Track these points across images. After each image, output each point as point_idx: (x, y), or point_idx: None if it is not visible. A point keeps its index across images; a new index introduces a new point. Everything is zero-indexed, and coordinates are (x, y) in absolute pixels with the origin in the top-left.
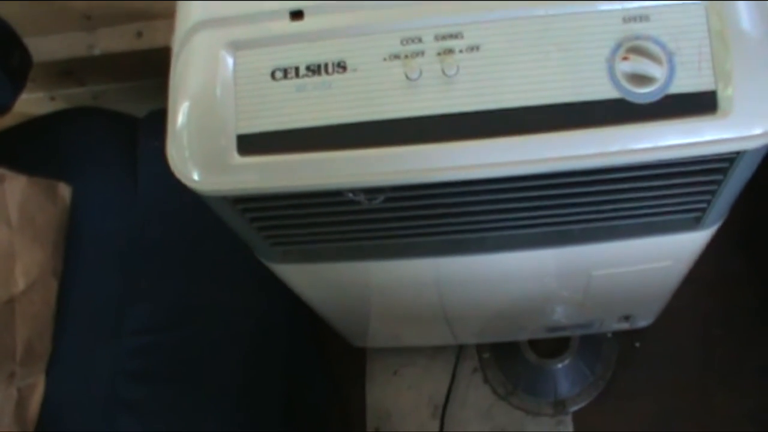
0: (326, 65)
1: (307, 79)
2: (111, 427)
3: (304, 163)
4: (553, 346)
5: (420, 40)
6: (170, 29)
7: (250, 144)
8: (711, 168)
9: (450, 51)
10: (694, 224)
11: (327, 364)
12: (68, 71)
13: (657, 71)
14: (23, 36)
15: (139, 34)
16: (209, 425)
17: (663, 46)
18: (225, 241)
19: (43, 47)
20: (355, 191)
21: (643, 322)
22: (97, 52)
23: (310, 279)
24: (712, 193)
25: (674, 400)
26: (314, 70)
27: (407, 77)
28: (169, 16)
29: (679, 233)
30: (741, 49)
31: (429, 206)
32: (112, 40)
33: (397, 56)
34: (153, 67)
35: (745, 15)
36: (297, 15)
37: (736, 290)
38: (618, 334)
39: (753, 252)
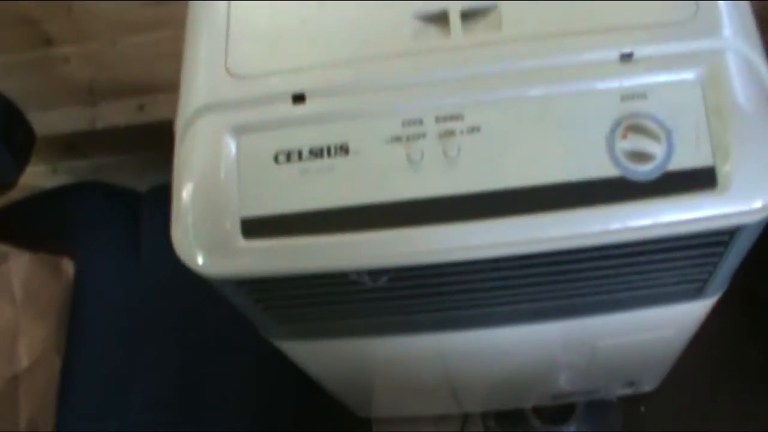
0: (329, 148)
1: (310, 163)
2: None
3: (308, 247)
4: (558, 412)
5: (421, 122)
6: (171, 103)
7: (255, 227)
8: (711, 242)
9: (451, 132)
10: (696, 294)
11: None
12: (71, 144)
13: (656, 149)
14: (26, 110)
15: (141, 108)
16: None
17: (661, 124)
18: (229, 314)
19: (46, 121)
20: (359, 272)
21: (647, 387)
22: (99, 125)
23: (315, 354)
24: (714, 264)
25: None
26: (317, 153)
27: (409, 159)
28: (171, 90)
29: (682, 303)
30: (738, 124)
31: (432, 285)
32: (114, 114)
33: (398, 138)
34: (154, 140)
35: (740, 91)
36: (299, 98)
37: (741, 349)
38: (623, 399)
39: (756, 310)
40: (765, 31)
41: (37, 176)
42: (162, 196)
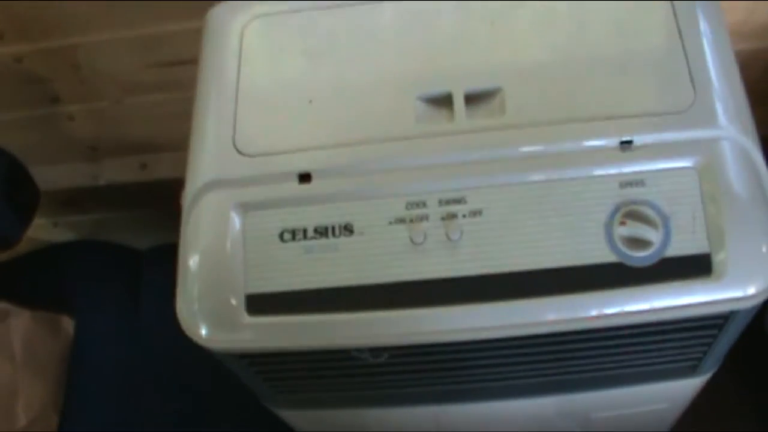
0: (333, 228)
1: (314, 242)
2: None
3: (311, 324)
4: None
5: (424, 205)
6: (174, 162)
7: (259, 304)
8: (706, 325)
9: (453, 216)
10: (690, 372)
11: None
12: (72, 200)
13: (653, 235)
14: (29, 165)
15: (143, 166)
16: None
17: (659, 211)
18: (227, 378)
19: (49, 176)
20: (360, 350)
21: None
22: (101, 182)
23: (314, 424)
24: (708, 345)
25: None
26: (322, 232)
27: (412, 241)
28: (174, 149)
29: (676, 380)
30: (733, 211)
31: (431, 362)
32: (117, 171)
33: (402, 220)
34: (156, 198)
35: (735, 179)
36: (305, 178)
37: (733, 423)
38: None
39: (750, 385)
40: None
41: (38, 229)
42: (162, 256)
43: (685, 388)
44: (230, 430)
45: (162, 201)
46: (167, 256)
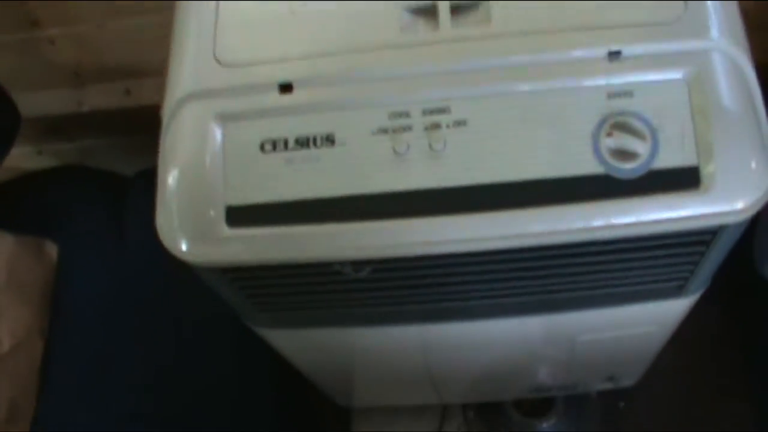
0: (315, 138)
1: (295, 152)
2: None
3: (292, 236)
4: (538, 405)
5: (408, 115)
6: (158, 87)
7: (239, 216)
8: (693, 241)
9: (437, 126)
10: (677, 292)
11: (313, 423)
12: (56, 127)
13: (641, 147)
14: (12, 91)
15: (128, 92)
16: None
17: (647, 122)
18: (210, 301)
19: (32, 103)
20: (342, 263)
21: (627, 382)
22: (85, 108)
23: (297, 343)
24: (695, 263)
25: None
26: (303, 143)
27: (395, 151)
28: (157, 74)
29: (663, 301)
30: (722, 124)
31: (415, 277)
32: (101, 97)
33: (385, 130)
34: (141, 124)
35: (725, 92)
36: (286, 88)
37: (719, 350)
38: (602, 394)
39: (736, 312)
40: (756, 30)
41: (22, 158)
42: (148, 181)
43: (671, 310)
44: (215, 356)
45: (147, 127)
46: (152, 181)
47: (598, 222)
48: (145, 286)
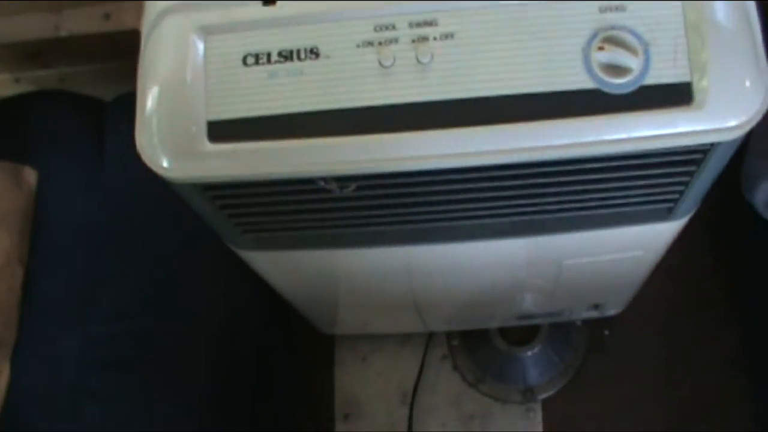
0: (298, 51)
1: (279, 65)
2: (76, 416)
3: (275, 151)
4: (522, 334)
5: (394, 27)
6: (138, 11)
7: (221, 131)
8: (684, 159)
9: (424, 38)
10: (666, 215)
11: (296, 350)
12: (34, 53)
13: (632, 62)
14: None
15: (107, 16)
16: (176, 413)
17: (639, 37)
18: (193, 226)
19: (8, 28)
20: (326, 179)
21: (612, 311)
22: (63, 33)
23: (280, 266)
24: (685, 184)
25: (642, 389)
26: (286, 56)
27: (381, 64)
28: None
29: (651, 224)
30: (717, 41)
31: (401, 195)
32: (79, 22)
33: (370, 43)
34: (121, 50)
35: (721, 7)
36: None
37: (705, 279)
38: (588, 323)
39: (722, 240)
40: None
41: (0, 85)
42: (127, 105)
43: (659, 234)
44: (197, 283)
45: (128, 52)
46: (132, 105)
47: (587, 138)
48: (126, 211)
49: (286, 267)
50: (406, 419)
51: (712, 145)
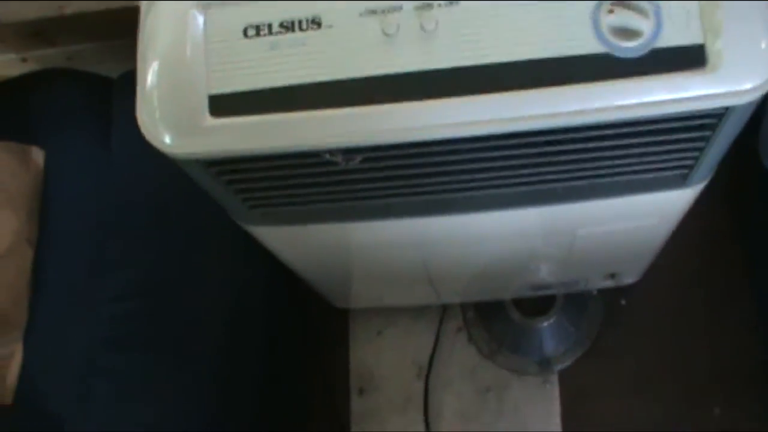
0: (300, 22)
1: (280, 37)
2: (87, 395)
3: (278, 124)
4: (538, 304)
5: None
6: None
7: (223, 104)
8: (699, 124)
9: (428, 6)
10: (681, 182)
11: (309, 325)
12: (39, 32)
13: (643, 25)
14: None
15: None
16: (186, 392)
17: None
18: (202, 203)
19: (13, 7)
20: (332, 152)
21: (628, 280)
22: (68, 11)
23: (290, 241)
24: (700, 149)
25: (660, 359)
26: (288, 26)
27: (384, 33)
28: None
29: (666, 191)
30: (730, 2)
31: (408, 166)
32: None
33: (373, 12)
34: (126, 27)
35: None
36: None
37: (722, 247)
38: (604, 292)
39: (739, 208)
40: None
41: (6, 65)
42: (134, 82)
43: (674, 201)
44: (207, 262)
45: (133, 29)
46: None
47: (598, 104)
48: (135, 189)
49: (296, 241)
50: (422, 392)
51: (726, 109)
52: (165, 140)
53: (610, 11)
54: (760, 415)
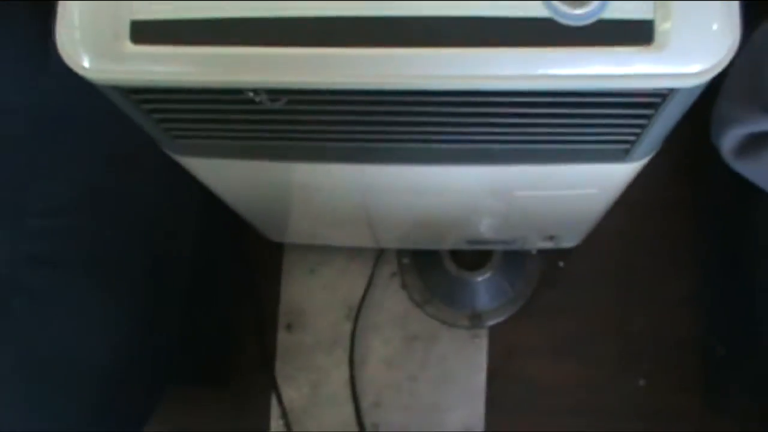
0: None
1: None
2: (6, 312)
3: (201, 57)
4: (475, 258)
5: None
6: None
7: (145, 31)
8: (641, 102)
9: None
10: (622, 156)
11: (243, 256)
12: None
13: None
14: None
15: None
16: (108, 316)
17: None
18: (135, 128)
19: None
20: (256, 91)
21: (568, 243)
22: None
23: (219, 174)
24: (642, 126)
25: (592, 323)
26: None
27: None
28: None
29: (606, 163)
30: None
31: (335, 112)
32: None
33: None
34: None
35: None
36: None
37: (670, 219)
38: (543, 253)
39: (693, 182)
40: None
41: None
42: None
43: (615, 174)
44: (137, 184)
45: None
46: None
47: (535, 70)
48: (73, 102)
49: (225, 175)
50: (349, 334)
51: (671, 90)
52: (84, 63)
53: None
54: (681, 388)
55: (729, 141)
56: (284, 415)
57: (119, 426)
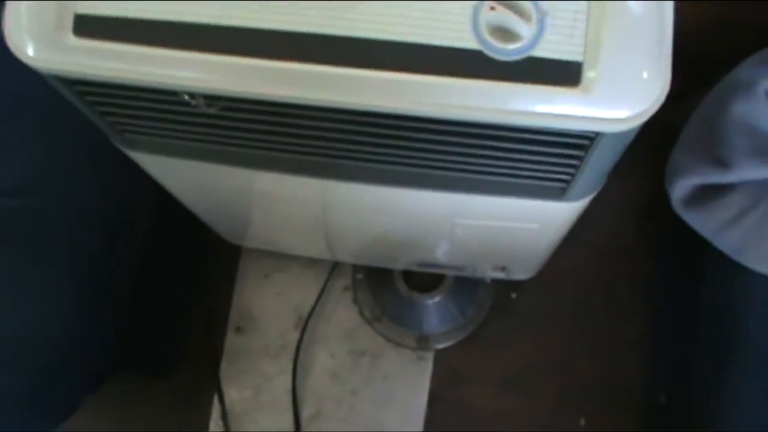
0: None
1: None
2: None
3: (139, 56)
4: (428, 281)
5: None
6: None
7: (88, 26)
8: (570, 143)
9: None
10: (559, 194)
11: (198, 255)
12: None
13: (523, 29)
14: None
15: None
16: (56, 293)
17: (536, 5)
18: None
19: None
20: (191, 94)
21: (520, 276)
22: None
23: (169, 172)
24: (575, 167)
25: (539, 358)
26: None
27: None
28: None
29: (544, 201)
30: (621, 25)
31: (269, 122)
32: None
33: None
34: None
35: None
36: None
37: (625, 262)
38: (497, 282)
39: (655, 227)
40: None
41: None
42: None
43: (555, 212)
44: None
45: None
46: None
47: (463, 100)
48: (18, 81)
49: (177, 174)
50: (296, 343)
51: (597, 133)
52: (28, 52)
53: (492, 8)
54: None
55: (679, 190)
56: (224, 416)
57: (59, 408)
